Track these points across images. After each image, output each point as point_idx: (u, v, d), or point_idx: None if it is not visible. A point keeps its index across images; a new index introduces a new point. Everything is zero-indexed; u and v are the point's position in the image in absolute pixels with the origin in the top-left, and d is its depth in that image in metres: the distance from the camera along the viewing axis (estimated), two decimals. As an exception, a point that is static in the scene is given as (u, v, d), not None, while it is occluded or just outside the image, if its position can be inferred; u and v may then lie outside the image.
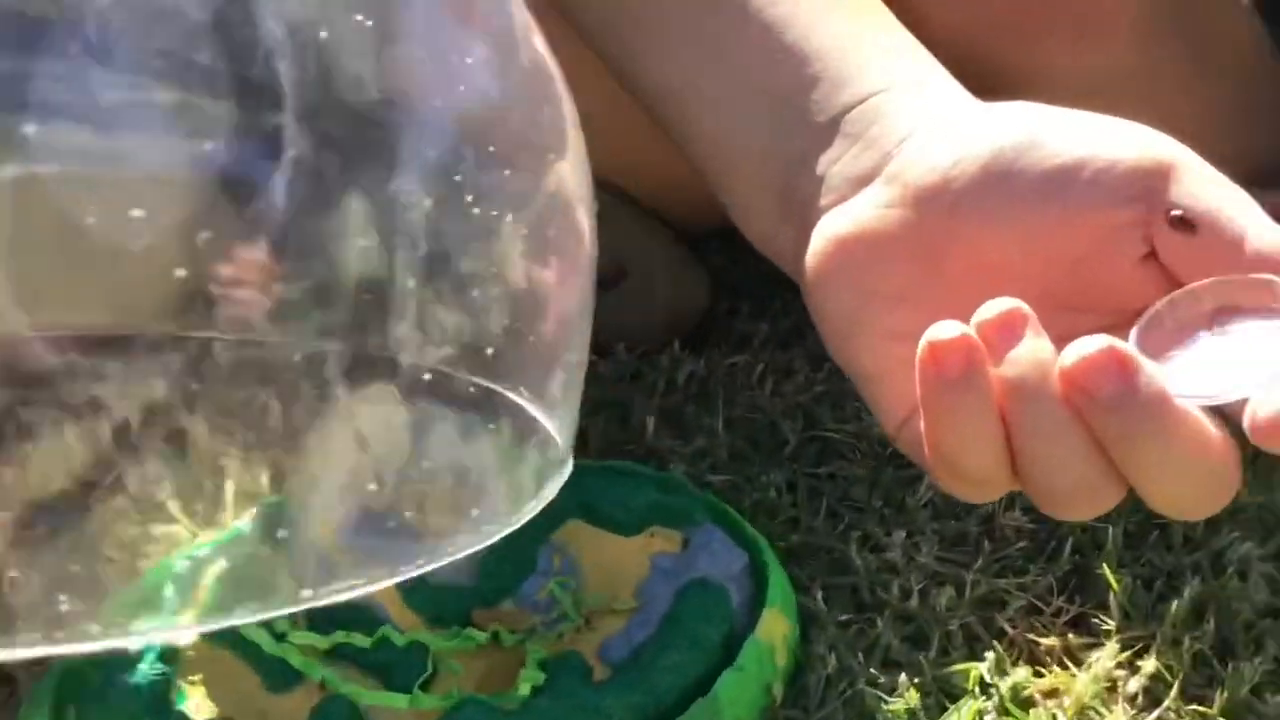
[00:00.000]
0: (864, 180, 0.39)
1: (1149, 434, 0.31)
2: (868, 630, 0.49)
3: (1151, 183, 0.34)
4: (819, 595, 0.50)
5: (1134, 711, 0.47)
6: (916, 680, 0.47)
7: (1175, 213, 0.33)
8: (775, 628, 0.46)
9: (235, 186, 0.29)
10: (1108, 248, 0.35)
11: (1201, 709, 0.47)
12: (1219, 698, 0.47)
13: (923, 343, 0.32)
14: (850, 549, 0.52)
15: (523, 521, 0.33)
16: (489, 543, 0.31)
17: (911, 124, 0.39)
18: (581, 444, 0.58)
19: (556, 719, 0.41)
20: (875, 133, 0.39)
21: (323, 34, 0.29)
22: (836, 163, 0.39)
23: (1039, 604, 0.52)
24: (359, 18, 0.30)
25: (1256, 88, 0.65)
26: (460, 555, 0.31)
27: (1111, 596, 0.51)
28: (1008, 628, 0.51)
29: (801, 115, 0.41)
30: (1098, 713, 0.47)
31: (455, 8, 0.33)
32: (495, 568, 0.45)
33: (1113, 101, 0.62)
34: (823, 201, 0.39)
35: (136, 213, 0.29)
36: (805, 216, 0.40)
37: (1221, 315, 0.34)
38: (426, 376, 0.33)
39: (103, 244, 0.30)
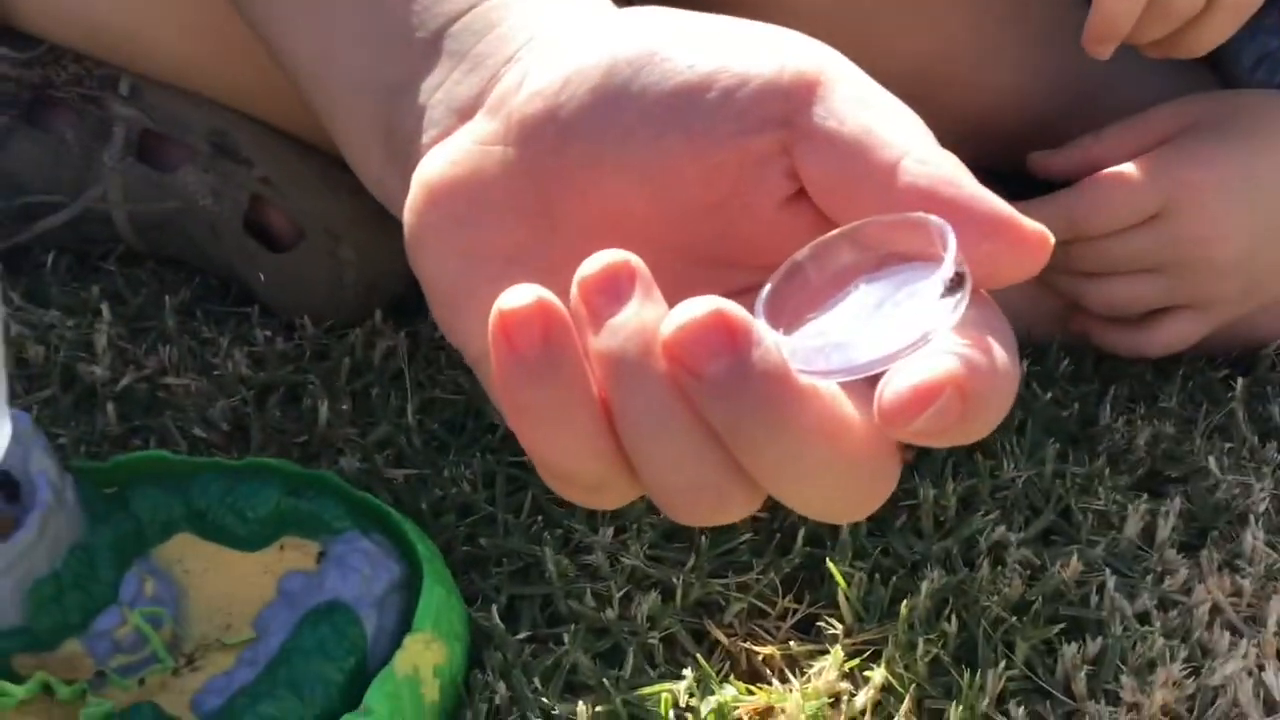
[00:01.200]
0: (468, 111, 0.31)
1: (763, 422, 0.24)
2: (553, 648, 0.42)
3: (791, 103, 0.27)
4: (495, 611, 0.42)
5: (858, 732, 0.40)
6: (599, 708, 0.39)
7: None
8: (423, 657, 0.38)
9: None
10: (745, 186, 0.28)
11: (936, 725, 0.40)
12: (955, 712, 0.40)
13: (492, 314, 0.25)
14: (546, 552, 0.44)
15: None
16: None
17: (525, 36, 0.31)
18: (241, 438, 0.50)
19: (102, 795, 0.32)
20: (482, 49, 0.32)
21: None
22: (438, 89, 0.32)
23: (762, 606, 0.44)
24: None
25: (1036, 5, 0.59)
26: None
27: (841, 595, 0.44)
28: (722, 636, 0.43)
29: (401, 30, 0.33)
30: (815, 735, 0.39)
31: None
32: (54, 601, 0.36)
33: (864, 22, 0.55)
34: (424, 139, 0.32)
35: None
36: (408, 158, 0.32)
37: (873, 265, 0.26)
38: None
39: None
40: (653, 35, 0.29)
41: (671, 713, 0.40)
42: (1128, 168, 0.54)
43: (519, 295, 0.25)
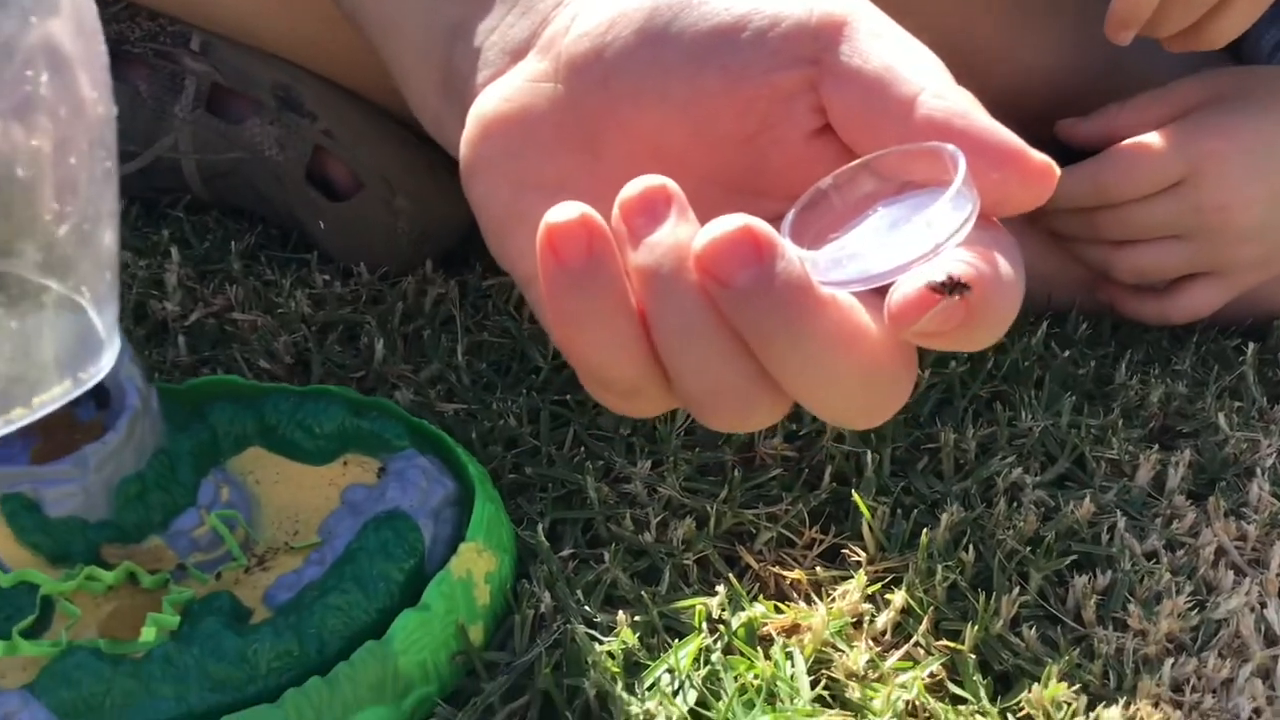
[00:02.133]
0: (520, 51, 0.34)
1: (785, 327, 0.26)
2: (593, 566, 0.44)
3: (819, 43, 0.30)
4: (541, 530, 0.45)
5: (879, 649, 0.43)
6: (638, 618, 0.42)
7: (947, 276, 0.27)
8: (476, 564, 0.41)
9: None
10: (776, 120, 0.31)
11: (952, 645, 0.43)
12: (971, 633, 0.43)
13: (540, 228, 0.27)
14: (587, 480, 0.47)
15: (50, 406, 0.27)
16: (3, 432, 0.25)
17: None
18: (302, 370, 0.53)
19: (185, 667, 0.35)
20: None
21: None
22: (493, 32, 0.35)
23: (790, 535, 0.47)
24: None
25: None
26: None
27: (865, 526, 0.46)
28: (752, 561, 0.46)
29: None
30: (838, 649, 0.42)
31: None
32: (139, 499, 0.39)
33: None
34: (479, 78, 0.34)
35: None
36: (464, 95, 0.35)
37: (890, 192, 0.29)
38: None
39: None
40: None
41: (704, 625, 0.42)
42: (1152, 137, 0.56)
43: (565, 211, 0.27)
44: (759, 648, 0.42)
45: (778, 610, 0.44)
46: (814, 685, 0.40)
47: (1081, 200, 0.58)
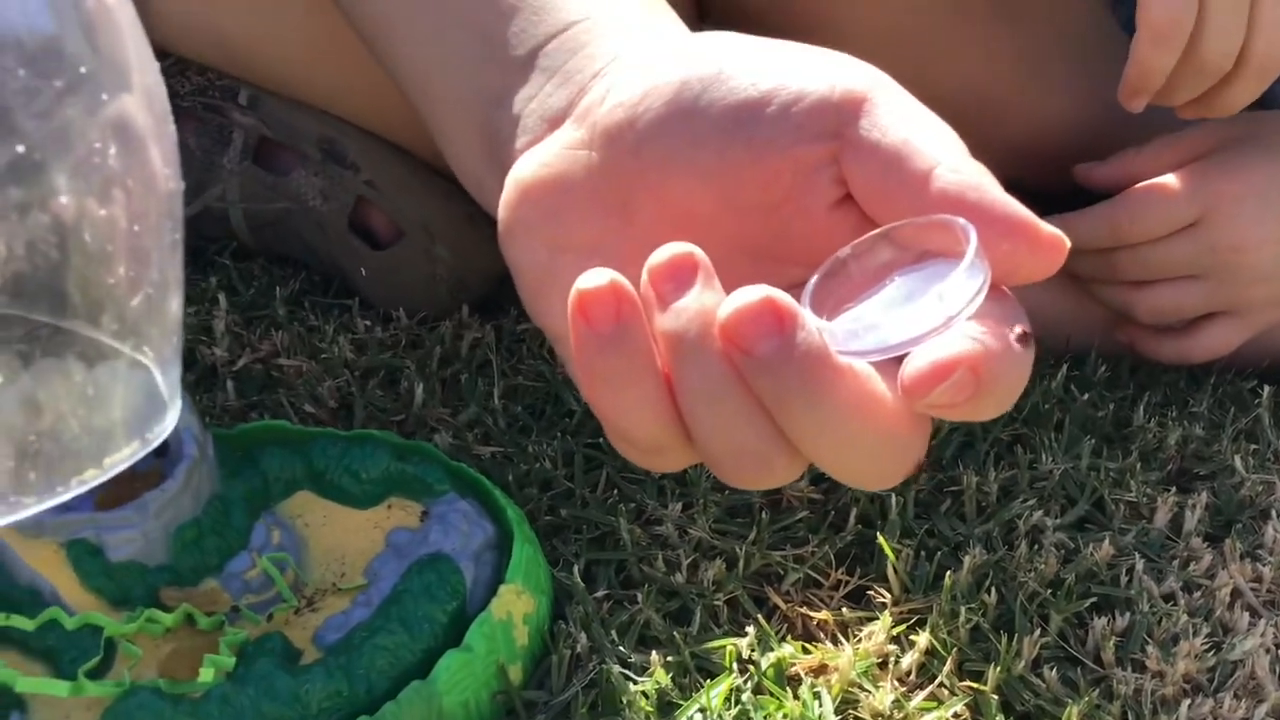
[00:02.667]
0: (557, 119, 0.35)
1: (803, 394, 0.27)
2: (627, 606, 0.46)
3: (841, 117, 0.31)
4: (577, 571, 0.46)
5: (904, 689, 0.44)
6: (670, 658, 0.44)
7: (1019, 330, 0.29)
8: (515, 605, 0.42)
9: None
10: (799, 191, 0.32)
11: (975, 685, 0.44)
12: (993, 674, 0.44)
13: (572, 293, 0.29)
14: (620, 522, 0.49)
15: (119, 466, 0.29)
16: (40, 507, 0.27)
17: (610, 55, 0.35)
18: (345, 415, 0.55)
19: (242, 707, 0.37)
20: (572, 66, 0.36)
21: None
22: (532, 100, 0.36)
23: (817, 577, 0.48)
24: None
25: (1075, 34, 0.63)
26: (42, 505, 0.27)
27: (889, 568, 0.48)
28: (780, 602, 0.47)
29: (501, 49, 0.37)
30: (865, 689, 0.43)
31: None
32: (195, 544, 0.41)
33: (915, 49, 0.59)
34: (518, 144, 0.36)
35: None
36: (503, 160, 0.36)
37: (906, 262, 0.30)
38: None
39: None
40: (720, 57, 0.33)
41: (735, 665, 0.44)
42: (1167, 179, 0.58)
43: (595, 277, 0.29)
44: (788, 688, 0.44)
45: (805, 650, 0.45)
46: (841, 725, 0.42)
47: (1100, 241, 0.60)
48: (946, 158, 0.30)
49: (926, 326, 0.28)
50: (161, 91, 0.33)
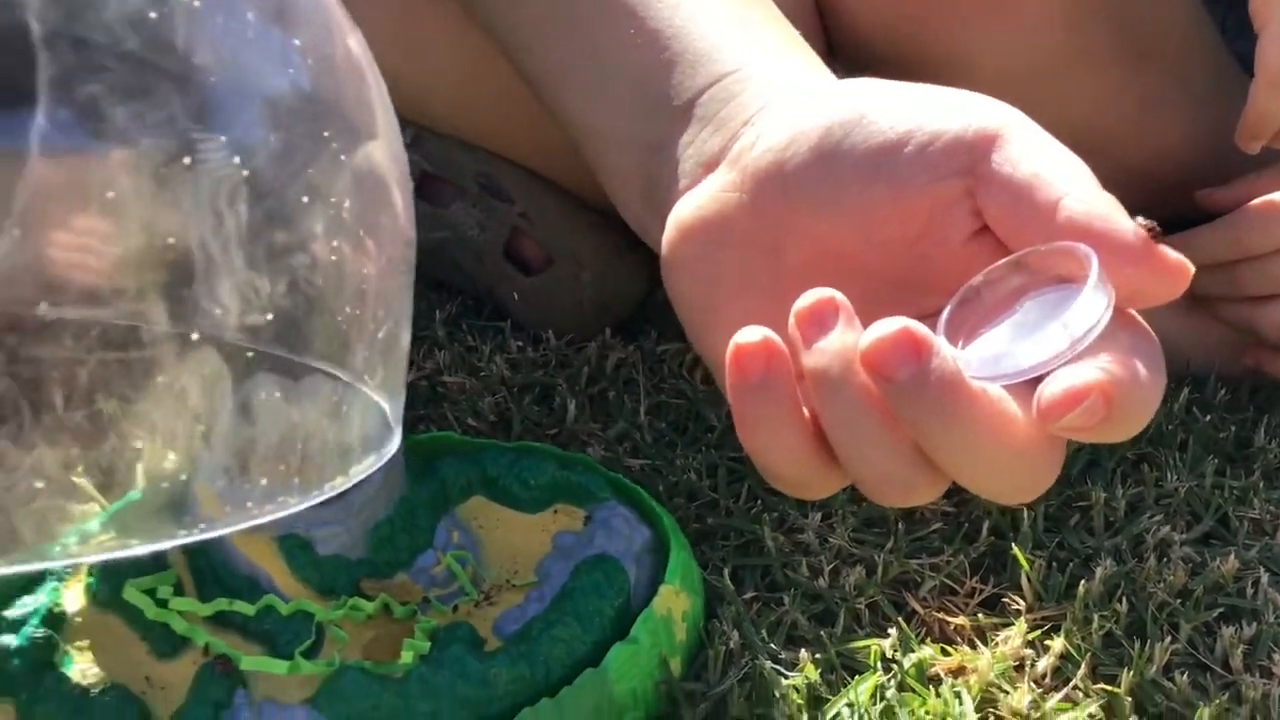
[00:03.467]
0: (713, 163, 0.38)
1: (940, 416, 0.30)
2: (774, 608, 0.49)
3: (975, 154, 0.33)
4: (727, 575, 0.50)
5: (1040, 690, 0.47)
6: (818, 656, 0.47)
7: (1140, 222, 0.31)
8: (674, 603, 0.46)
9: (57, 165, 0.29)
10: (938, 225, 0.34)
11: (1109, 688, 0.46)
12: (1127, 678, 0.46)
13: (729, 346, 0.32)
14: (764, 530, 0.52)
15: (360, 475, 0.33)
16: (303, 506, 0.31)
17: (760, 103, 0.38)
18: (504, 428, 0.59)
19: (439, 687, 0.41)
20: (725, 114, 0.39)
21: (150, 14, 0.29)
22: (690, 146, 0.39)
23: (952, 584, 0.51)
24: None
25: (1196, 73, 0.65)
26: (271, 517, 0.32)
27: (1024, 577, 0.50)
28: (918, 607, 0.50)
29: (660, 99, 0.40)
30: (1003, 690, 0.46)
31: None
32: (388, 540, 0.45)
33: (1041, 87, 0.62)
34: (678, 186, 0.39)
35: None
36: (663, 201, 0.39)
37: (1035, 287, 0.32)
38: (244, 350, 0.33)
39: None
40: (861, 102, 0.35)
41: (879, 663, 0.47)
42: None
43: (750, 334, 0.32)
44: (930, 687, 0.46)
45: (944, 653, 0.48)
46: (983, 720, 0.44)
47: (1222, 254, 0.61)
48: (1074, 188, 0.32)
49: (1053, 351, 0.30)
50: (399, 138, 0.37)
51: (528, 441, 0.53)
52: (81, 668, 0.40)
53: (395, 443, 0.36)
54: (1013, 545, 0.52)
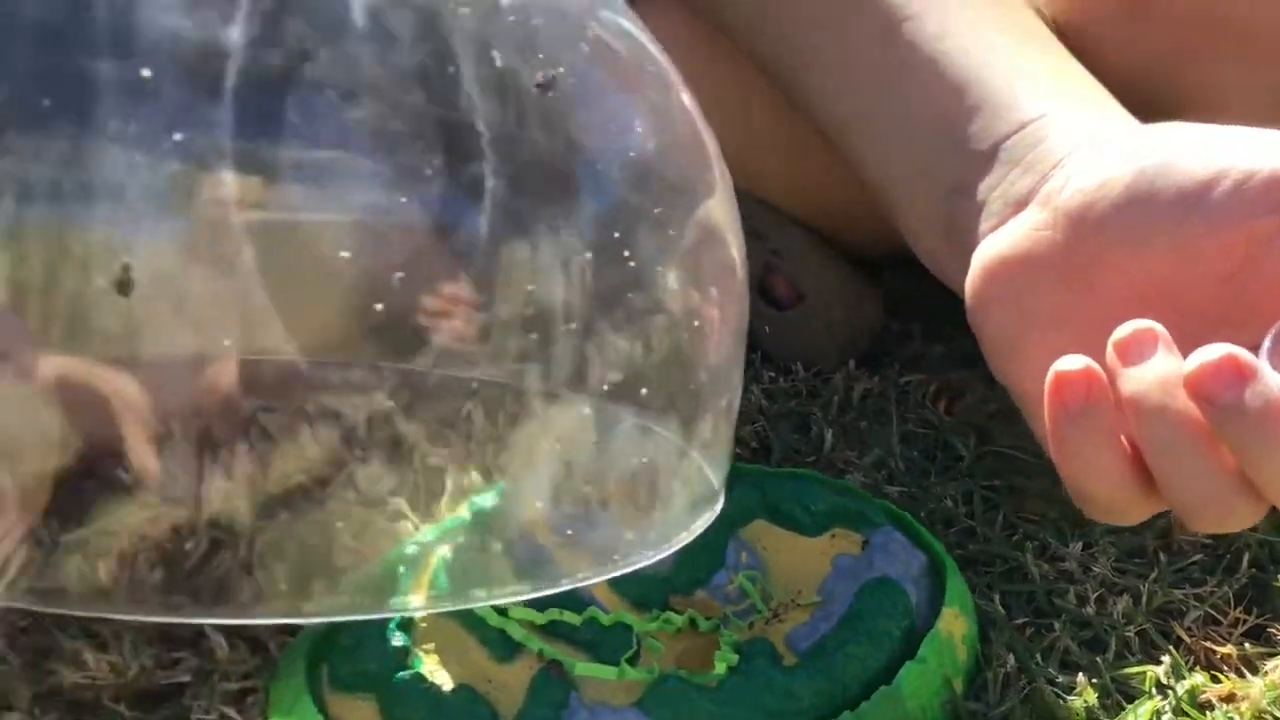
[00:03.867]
0: (1021, 204, 0.40)
1: (1263, 439, 0.31)
2: (1045, 634, 0.51)
3: None
4: (997, 600, 0.52)
5: (1315, 720, 0.48)
6: (1094, 681, 0.49)
7: None
8: (955, 626, 0.48)
9: (440, 231, 0.33)
10: (1254, 259, 0.36)
11: (1386, 721, 0.47)
12: (1404, 710, 0.47)
13: (1049, 374, 0.34)
14: (1027, 558, 0.54)
15: (697, 531, 0.36)
16: (634, 568, 0.34)
17: (1067, 148, 0.40)
18: (765, 453, 0.62)
19: (749, 697, 0.44)
20: (1033, 158, 0.41)
21: (519, 88, 0.33)
22: (995, 189, 0.41)
23: (1216, 614, 0.53)
24: (547, 75, 0.34)
25: None
26: (608, 576, 0.35)
27: (1291, 608, 0.52)
28: (1184, 636, 0.52)
29: (963, 144, 0.43)
30: (1275, 717, 0.47)
31: (620, 67, 0.37)
32: (689, 559, 0.48)
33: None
34: (983, 226, 0.41)
35: (345, 254, 0.32)
36: (966, 241, 0.42)
37: None
38: (586, 409, 0.37)
39: (322, 281, 0.33)
40: (1169, 147, 0.37)
41: (1153, 689, 0.49)
42: None
43: (1072, 362, 0.34)
44: (1204, 713, 0.48)
45: (1214, 680, 0.49)
46: (1264, 748, 0.46)
47: None
48: None
49: None
50: (731, 186, 0.40)
51: (794, 469, 0.56)
52: (429, 668, 0.45)
53: (721, 498, 0.39)
54: (1275, 577, 0.53)
